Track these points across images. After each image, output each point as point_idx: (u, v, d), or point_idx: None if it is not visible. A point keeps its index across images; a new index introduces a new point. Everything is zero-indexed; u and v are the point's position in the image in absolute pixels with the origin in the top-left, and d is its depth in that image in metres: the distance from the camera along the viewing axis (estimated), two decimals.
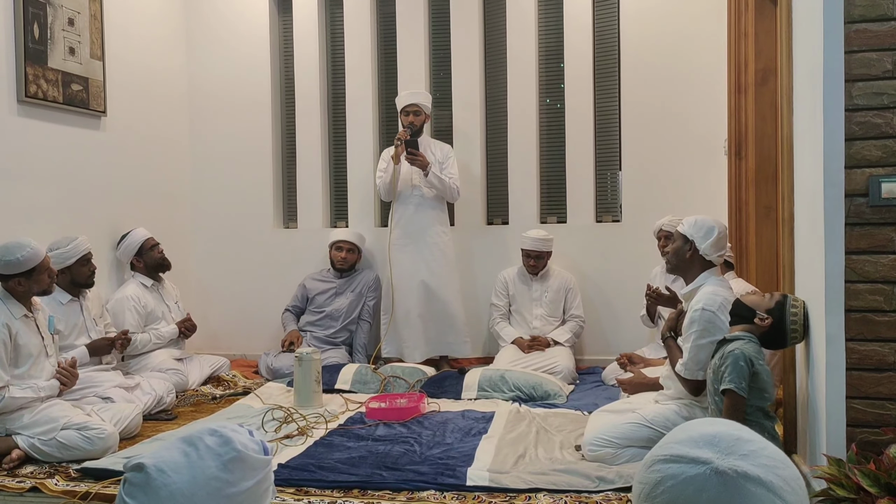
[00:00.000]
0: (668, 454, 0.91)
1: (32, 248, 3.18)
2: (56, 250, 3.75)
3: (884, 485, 1.97)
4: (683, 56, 4.79)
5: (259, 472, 1.07)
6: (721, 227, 2.99)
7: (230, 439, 1.05)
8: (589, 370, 4.70)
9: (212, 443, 1.04)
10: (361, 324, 5.04)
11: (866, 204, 2.33)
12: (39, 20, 4.04)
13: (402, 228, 4.78)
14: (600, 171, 5.10)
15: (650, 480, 0.91)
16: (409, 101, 4.81)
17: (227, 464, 1.03)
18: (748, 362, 2.51)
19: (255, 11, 5.43)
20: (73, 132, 4.36)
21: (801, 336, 2.59)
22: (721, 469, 0.87)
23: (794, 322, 2.58)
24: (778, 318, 2.61)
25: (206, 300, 5.44)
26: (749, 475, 0.86)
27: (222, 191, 5.48)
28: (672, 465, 0.89)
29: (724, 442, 0.90)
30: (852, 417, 2.35)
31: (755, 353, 2.56)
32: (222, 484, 1.02)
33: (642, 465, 0.95)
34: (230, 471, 1.03)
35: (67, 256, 3.79)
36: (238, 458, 1.03)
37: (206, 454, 1.03)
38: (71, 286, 3.85)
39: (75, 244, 3.83)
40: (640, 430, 2.91)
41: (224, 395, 4.28)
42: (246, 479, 1.04)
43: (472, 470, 2.83)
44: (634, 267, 4.77)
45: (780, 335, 2.62)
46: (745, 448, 0.89)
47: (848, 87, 2.33)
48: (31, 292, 3.23)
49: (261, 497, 1.07)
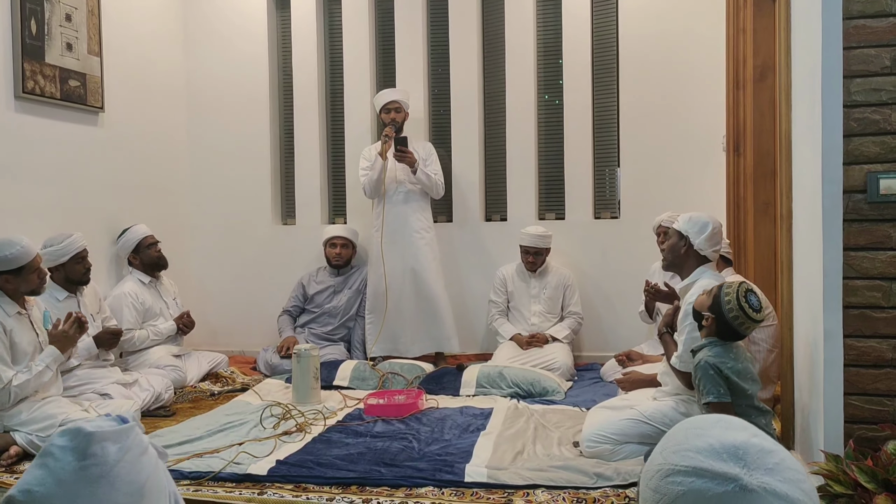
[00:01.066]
0: (689, 466, 0.87)
1: (23, 247, 3.16)
2: (49, 247, 3.73)
3: (881, 481, 1.98)
4: (682, 52, 4.79)
5: (123, 440, 1.04)
6: (715, 223, 3.00)
7: (79, 428, 1.04)
8: (587, 366, 4.70)
9: (62, 442, 1.03)
10: (359, 320, 5.04)
11: (864, 200, 2.33)
12: (37, 16, 4.03)
13: (388, 225, 4.77)
14: (599, 167, 5.10)
15: (670, 493, 0.87)
16: (390, 98, 4.81)
17: (84, 451, 1.01)
18: (715, 369, 2.54)
19: (254, 7, 5.42)
20: (71, 128, 4.35)
21: (748, 319, 2.56)
22: (749, 487, 0.84)
23: (731, 310, 2.57)
24: (717, 313, 2.61)
25: (205, 296, 5.44)
26: (777, 492, 0.84)
27: (220, 187, 5.48)
28: (695, 479, 0.86)
29: (750, 455, 0.87)
30: (850, 414, 2.35)
31: (718, 356, 2.57)
32: (89, 469, 1.01)
33: (655, 472, 0.91)
34: (91, 454, 1.01)
35: (61, 254, 3.77)
36: (92, 438, 1.02)
37: (62, 454, 1.01)
38: (66, 283, 3.84)
39: (69, 241, 3.80)
40: (638, 427, 2.91)
41: (222, 392, 4.28)
42: (108, 453, 1.02)
43: (470, 466, 2.83)
44: (633, 263, 4.76)
45: (728, 328, 2.60)
46: (769, 461, 0.87)
47: (846, 84, 2.33)
48: (20, 291, 3.20)
49: (138, 460, 1.05)
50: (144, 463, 1.07)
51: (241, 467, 2.88)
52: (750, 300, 2.58)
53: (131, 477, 1.03)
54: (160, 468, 1.10)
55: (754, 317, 2.57)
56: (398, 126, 4.78)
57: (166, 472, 1.12)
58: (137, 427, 1.09)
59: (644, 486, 0.93)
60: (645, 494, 0.92)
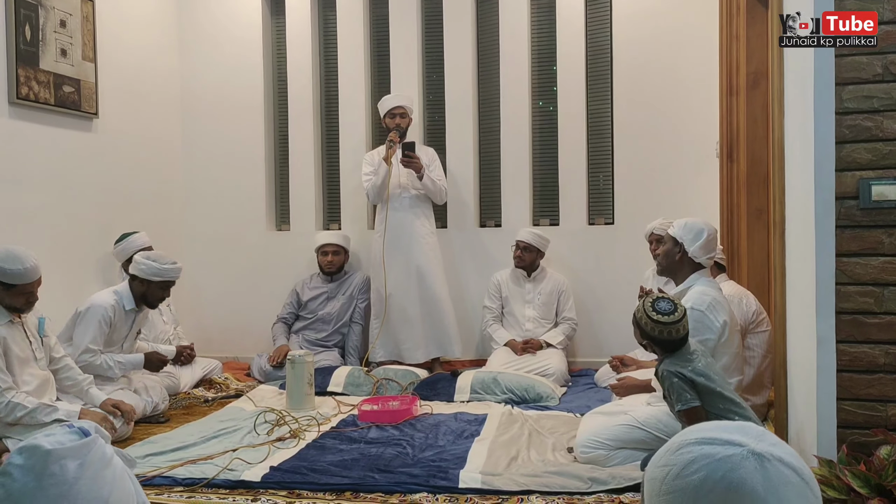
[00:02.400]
0: (698, 437, 0.90)
1: (27, 268, 3.11)
2: (154, 263, 3.76)
3: (874, 486, 1.99)
4: (675, 59, 4.81)
5: (84, 455, 1.02)
6: (710, 230, 3.01)
7: (36, 446, 1.01)
8: (581, 372, 4.70)
9: (20, 461, 1.00)
10: (353, 326, 5.03)
11: (857, 206, 2.34)
12: (31, 21, 4.03)
13: (392, 230, 4.77)
14: (593, 173, 5.11)
15: (680, 461, 0.89)
16: (396, 103, 4.82)
17: (42, 470, 0.99)
18: (679, 375, 2.56)
19: (248, 14, 5.42)
20: (65, 134, 4.34)
21: (667, 324, 2.56)
22: (758, 451, 0.86)
23: (648, 325, 2.60)
24: (646, 336, 2.64)
25: (199, 302, 5.43)
26: (784, 460, 0.87)
27: (215, 193, 5.47)
28: (705, 446, 0.88)
29: (754, 431, 0.90)
30: (843, 419, 2.36)
31: (675, 363, 2.59)
32: (48, 490, 0.98)
33: (663, 453, 0.93)
34: (49, 474, 0.99)
35: (154, 272, 3.76)
36: (49, 457, 1.00)
37: (19, 473, 0.99)
38: (140, 300, 3.83)
39: (172, 267, 3.81)
40: (632, 432, 2.91)
41: (216, 398, 4.27)
42: (67, 471, 1.00)
43: (464, 472, 2.83)
44: (627, 269, 4.78)
45: (662, 342, 2.61)
46: (773, 439, 0.90)
47: (838, 91, 2.35)
48: (4, 304, 3.13)
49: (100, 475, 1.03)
50: (108, 477, 1.04)
51: (234, 474, 2.87)
52: (658, 307, 2.60)
53: (93, 494, 1.01)
54: (126, 478, 1.08)
55: (669, 319, 2.58)
56: (402, 131, 4.79)
57: (134, 481, 1.10)
58: (99, 438, 1.06)
59: (652, 468, 0.93)
60: (653, 474, 0.92)
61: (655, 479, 0.91)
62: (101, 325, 3.68)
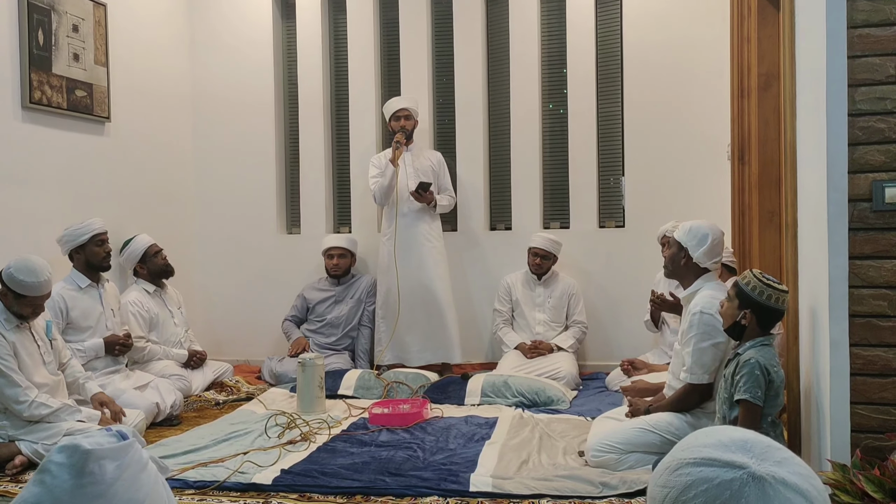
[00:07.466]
0: (697, 457, 0.86)
1: (40, 282, 3.15)
2: (67, 230, 3.87)
3: (888, 490, 1.97)
4: (686, 61, 4.79)
5: (122, 457, 1.03)
6: (716, 234, 2.97)
7: (76, 445, 1.02)
8: (592, 376, 4.69)
9: (60, 458, 1.01)
10: (362, 329, 5.04)
11: (870, 209, 2.32)
12: (44, 26, 4.06)
13: (400, 234, 4.78)
14: (603, 176, 5.10)
15: (678, 484, 0.85)
16: (400, 106, 4.84)
17: (82, 468, 1.00)
18: (763, 371, 2.49)
19: (259, 17, 5.44)
20: (78, 138, 4.37)
21: (779, 291, 2.53)
22: (759, 474, 0.83)
23: (762, 292, 2.53)
24: (751, 304, 2.55)
25: (210, 305, 5.45)
26: (787, 482, 0.83)
27: (226, 196, 5.49)
28: (704, 468, 0.85)
29: (757, 448, 0.86)
30: (857, 423, 2.34)
31: (770, 359, 2.53)
32: (86, 488, 0.99)
33: (663, 470, 0.90)
34: (89, 473, 1.00)
35: (80, 234, 3.87)
36: (89, 456, 1.00)
37: (59, 471, 1.00)
38: (87, 269, 3.91)
39: (88, 222, 3.91)
40: (644, 436, 2.90)
41: (227, 401, 4.28)
42: (106, 471, 1.01)
43: (475, 476, 2.82)
44: (638, 272, 4.76)
45: (767, 312, 2.55)
46: (777, 455, 0.86)
47: (851, 92, 2.33)
48: (11, 310, 3.17)
49: (137, 478, 1.04)
50: (143, 480, 1.05)
51: (245, 476, 2.88)
52: (767, 276, 2.58)
53: (129, 495, 1.02)
54: (160, 483, 1.09)
55: (782, 287, 2.56)
56: (408, 133, 4.81)
57: (167, 487, 1.11)
58: (137, 443, 1.08)
59: (652, 485, 0.92)
60: (653, 493, 0.90)
61: (655, 500, 0.89)
62: (55, 315, 3.71)
